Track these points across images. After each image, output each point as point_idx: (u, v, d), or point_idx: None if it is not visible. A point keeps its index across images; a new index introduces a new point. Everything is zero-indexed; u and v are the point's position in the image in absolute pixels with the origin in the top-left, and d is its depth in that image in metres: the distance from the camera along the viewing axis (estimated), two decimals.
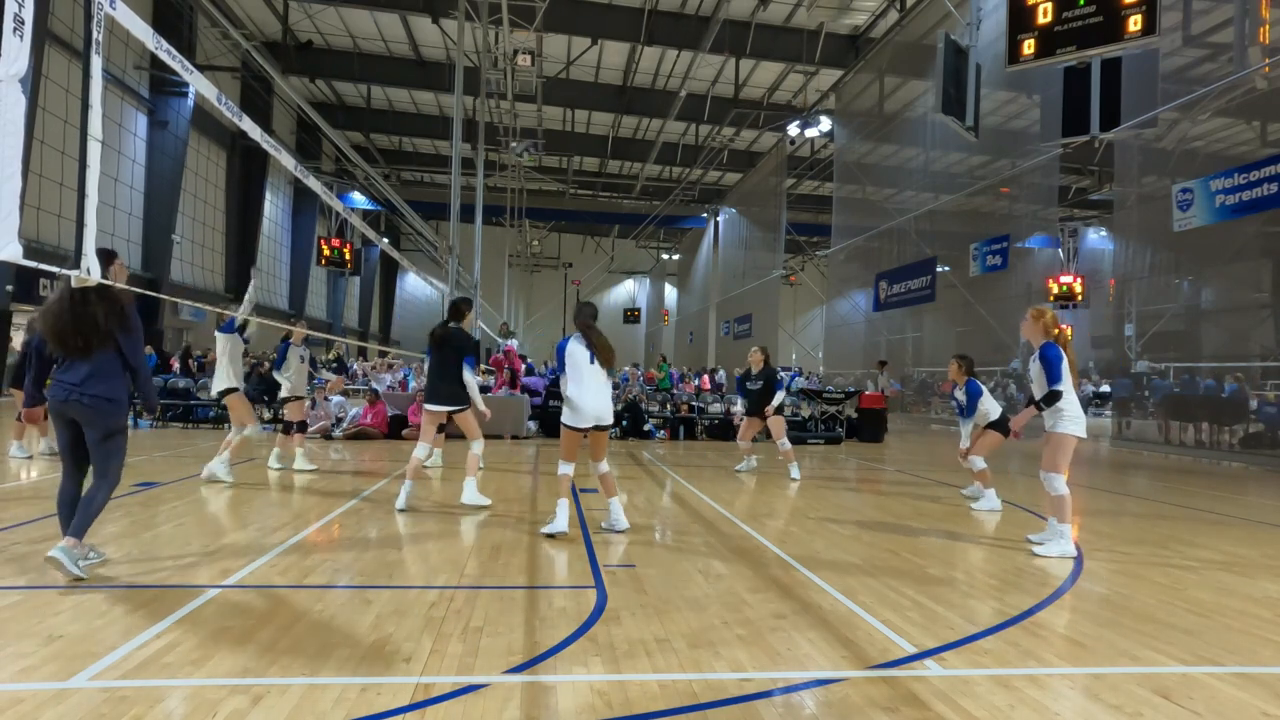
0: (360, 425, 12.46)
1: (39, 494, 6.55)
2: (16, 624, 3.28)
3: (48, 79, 19.05)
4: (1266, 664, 3.25)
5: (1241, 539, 6.05)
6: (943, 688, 2.89)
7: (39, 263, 4.00)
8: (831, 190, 25.61)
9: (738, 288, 30.70)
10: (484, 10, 17.70)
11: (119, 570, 4.18)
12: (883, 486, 8.83)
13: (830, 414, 15.05)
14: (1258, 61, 12.62)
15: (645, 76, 25.88)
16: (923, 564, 4.88)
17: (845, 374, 25.31)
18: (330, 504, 6.43)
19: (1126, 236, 17.98)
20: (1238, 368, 15.13)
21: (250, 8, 23.48)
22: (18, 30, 3.41)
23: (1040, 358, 5.21)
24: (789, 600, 3.99)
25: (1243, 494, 8.96)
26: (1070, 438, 5.18)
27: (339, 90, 29.59)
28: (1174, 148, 15.99)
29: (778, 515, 6.52)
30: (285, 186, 35.09)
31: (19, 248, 3.52)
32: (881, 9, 20.44)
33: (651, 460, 10.75)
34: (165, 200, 24.93)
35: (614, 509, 5.70)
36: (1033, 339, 5.40)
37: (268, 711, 2.53)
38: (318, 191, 8.55)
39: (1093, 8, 9.17)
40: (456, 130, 17.09)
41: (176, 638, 3.17)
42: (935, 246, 19.35)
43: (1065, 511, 5.19)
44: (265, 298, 33.50)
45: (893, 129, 21.00)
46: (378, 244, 26.99)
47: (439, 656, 3.05)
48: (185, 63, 5.28)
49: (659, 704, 2.69)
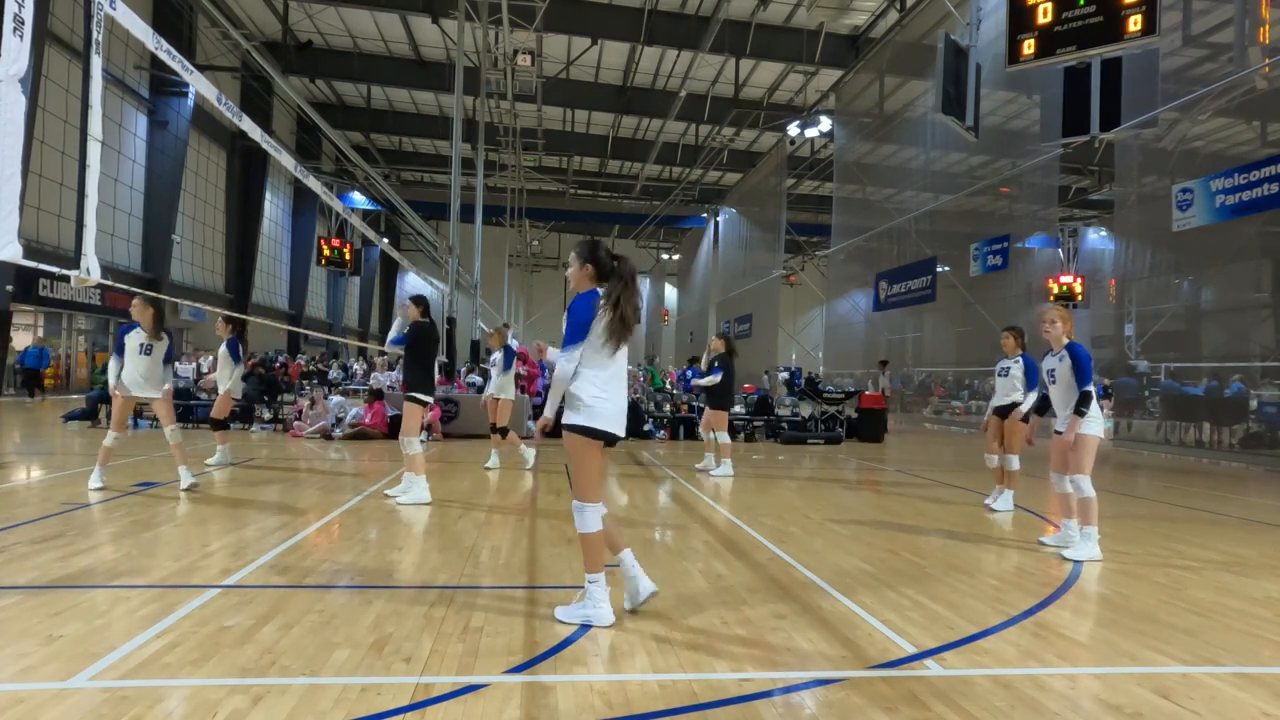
0: (360, 425, 12.46)
1: (39, 494, 6.55)
2: (16, 624, 3.28)
3: (48, 79, 19.06)
4: (1266, 664, 3.25)
5: (1241, 539, 6.05)
6: (943, 688, 2.89)
7: (39, 263, 4.00)
8: (831, 190, 25.62)
9: (738, 288, 30.70)
10: (484, 10, 17.71)
11: (119, 570, 4.18)
12: (883, 486, 8.83)
13: (830, 414, 15.05)
14: (1258, 61, 12.62)
15: (645, 76, 25.89)
16: (923, 564, 4.88)
17: (845, 374, 25.29)
18: (330, 504, 6.44)
19: (1126, 236, 17.99)
20: (1238, 368, 15.13)
21: (250, 8, 23.49)
22: (18, 30, 3.41)
23: (1073, 358, 5.20)
24: (789, 600, 3.99)
25: (1243, 494, 8.96)
26: (1095, 438, 5.18)
27: (339, 90, 29.60)
28: (1174, 148, 16.00)
29: (778, 515, 6.51)
30: (285, 186, 35.11)
31: (19, 248, 3.52)
32: (881, 9, 20.45)
33: (651, 460, 10.75)
34: (165, 200, 24.95)
35: (630, 570, 3.68)
36: (1056, 340, 5.38)
37: (268, 711, 2.53)
38: (318, 191, 8.56)
39: (1093, 8, 9.16)
40: (456, 130, 17.10)
41: (176, 638, 3.17)
42: (935, 246, 19.35)
43: (1093, 514, 5.15)
44: (265, 298, 33.51)
45: (893, 129, 21.00)
46: (378, 244, 27.00)
47: (439, 656, 3.05)
48: (185, 63, 5.28)
49: (659, 704, 2.68)
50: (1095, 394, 5.21)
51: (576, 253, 3.69)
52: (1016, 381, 6.80)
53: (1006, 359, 6.92)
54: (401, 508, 6.34)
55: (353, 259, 30.98)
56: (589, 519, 3.53)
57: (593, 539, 3.55)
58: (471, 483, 7.92)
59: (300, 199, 35.78)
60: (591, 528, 3.53)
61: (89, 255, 4.01)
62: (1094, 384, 5.22)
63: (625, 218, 38.56)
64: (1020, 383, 6.79)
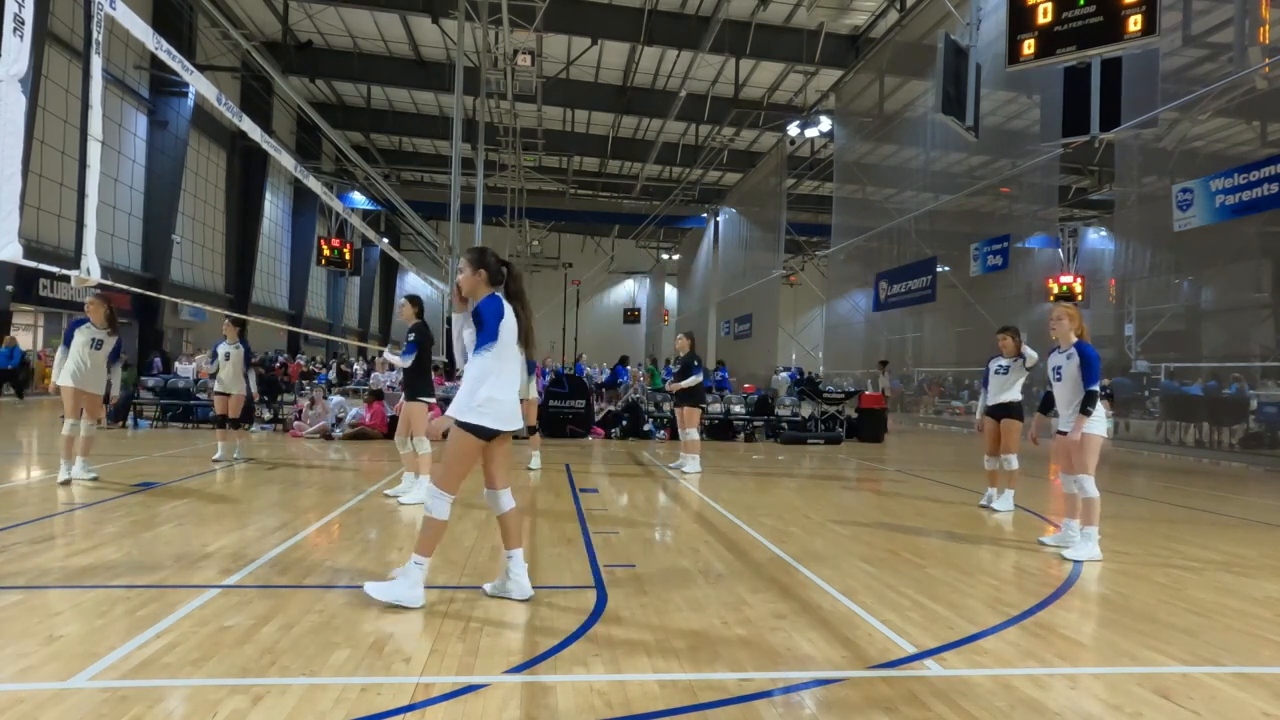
0: (360, 425, 12.46)
1: (39, 494, 6.55)
2: (16, 624, 3.28)
3: (48, 79, 19.06)
4: (1266, 664, 3.25)
5: (1241, 539, 6.05)
6: (943, 688, 2.89)
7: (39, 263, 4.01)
8: (831, 190, 25.61)
9: (738, 288, 30.70)
10: (484, 10, 17.71)
11: (119, 570, 4.18)
12: (883, 486, 8.83)
13: (830, 414, 15.05)
14: (1258, 61, 12.62)
15: (645, 76, 25.88)
16: (923, 564, 4.88)
17: (846, 374, 25.30)
18: (330, 504, 6.44)
19: (1126, 236, 17.99)
20: (1237, 368, 15.13)
21: (250, 8, 23.49)
22: (18, 30, 3.41)
23: (1082, 357, 5.20)
24: (789, 600, 3.99)
25: (1243, 494, 8.96)
26: (1099, 438, 5.20)
27: (339, 90, 29.60)
28: (1174, 148, 16.00)
29: (778, 515, 6.51)
30: (285, 186, 35.10)
31: (19, 248, 3.52)
32: (881, 9, 20.44)
33: (651, 460, 10.75)
34: (165, 200, 24.94)
35: (514, 567, 3.84)
36: (1064, 337, 5.38)
37: (268, 711, 2.53)
38: (318, 191, 8.56)
39: (1093, 8, 9.15)
40: (456, 130, 17.10)
41: (176, 638, 3.17)
42: (935, 246, 19.34)
43: (1096, 514, 5.16)
44: (265, 298, 33.51)
45: (893, 129, 21.00)
46: (378, 244, 27.00)
47: (439, 656, 3.05)
48: (185, 63, 5.28)
49: (659, 704, 2.69)
50: (1104, 393, 5.22)
51: (469, 259, 3.88)
52: (1016, 381, 6.83)
53: (1003, 358, 6.92)
54: (402, 507, 6.35)
55: (353, 259, 30.95)
56: (441, 507, 3.67)
57: (436, 526, 3.68)
58: (471, 483, 7.91)
59: (300, 199, 35.77)
60: (439, 515, 3.67)
61: (89, 255, 4.01)
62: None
63: (625, 218, 38.56)
64: (1019, 383, 6.83)
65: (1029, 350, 6.70)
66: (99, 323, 7.05)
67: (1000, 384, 6.89)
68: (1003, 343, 6.93)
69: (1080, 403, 5.16)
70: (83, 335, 7.00)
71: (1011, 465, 6.89)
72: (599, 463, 10.32)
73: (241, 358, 9.05)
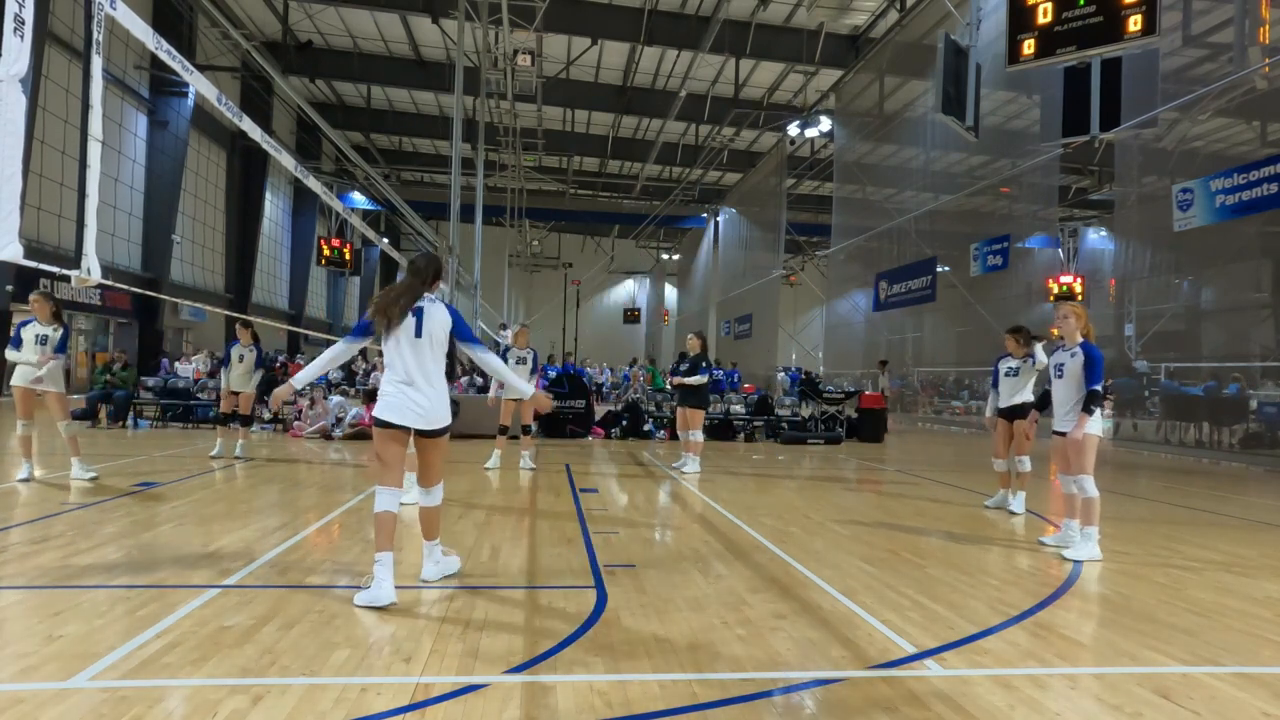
0: (360, 425, 12.45)
1: (39, 494, 6.55)
2: (16, 624, 3.29)
3: (48, 79, 19.04)
4: (1266, 664, 3.25)
5: (1241, 539, 6.05)
6: (943, 688, 2.89)
7: (39, 262, 4.00)
8: (831, 190, 25.61)
9: (738, 288, 30.68)
10: (484, 10, 17.69)
11: (119, 570, 4.18)
12: (883, 486, 8.83)
13: (830, 414, 15.05)
14: (1258, 61, 12.61)
15: (645, 76, 25.87)
16: (923, 564, 4.88)
17: (846, 374, 25.30)
18: (330, 504, 6.43)
19: (1126, 236, 17.98)
20: (1237, 368, 15.12)
21: (250, 8, 23.48)
22: (18, 30, 3.41)
23: (1086, 356, 5.19)
24: (789, 600, 3.99)
25: (1243, 494, 8.96)
26: (1096, 437, 5.20)
27: (339, 90, 29.59)
28: (1174, 148, 16.00)
29: (778, 515, 6.51)
30: (285, 186, 35.08)
31: (19, 248, 3.53)
32: (881, 9, 20.44)
33: (651, 460, 10.75)
34: (165, 200, 24.92)
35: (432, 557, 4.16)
36: (1070, 335, 5.37)
37: (268, 711, 2.53)
38: (318, 191, 8.57)
39: (1093, 8, 9.15)
40: (456, 130, 17.08)
41: (176, 638, 3.17)
42: (935, 246, 19.34)
43: (1096, 514, 5.16)
44: (265, 298, 33.51)
45: (893, 129, 20.99)
46: (378, 244, 27.05)
47: (439, 656, 3.05)
48: (185, 63, 5.28)
49: (659, 704, 2.69)
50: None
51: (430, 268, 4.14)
52: (1027, 381, 6.82)
53: (1012, 359, 6.91)
54: (402, 507, 6.33)
55: (353, 259, 30.92)
56: (379, 499, 3.83)
57: (378, 519, 3.80)
58: (471, 483, 7.92)
59: (300, 199, 35.74)
60: (378, 507, 3.82)
61: (89, 255, 4.01)
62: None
63: (625, 218, 38.54)
64: (1031, 383, 6.82)
65: (1040, 352, 6.69)
66: (44, 319, 7.11)
67: (1012, 386, 6.90)
68: (1009, 343, 6.95)
69: (1081, 401, 5.16)
70: (29, 333, 7.05)
71: (1025, 467, 6.88)
72: (599, 463, 10.32)
73: (254, 361, 9.49)
